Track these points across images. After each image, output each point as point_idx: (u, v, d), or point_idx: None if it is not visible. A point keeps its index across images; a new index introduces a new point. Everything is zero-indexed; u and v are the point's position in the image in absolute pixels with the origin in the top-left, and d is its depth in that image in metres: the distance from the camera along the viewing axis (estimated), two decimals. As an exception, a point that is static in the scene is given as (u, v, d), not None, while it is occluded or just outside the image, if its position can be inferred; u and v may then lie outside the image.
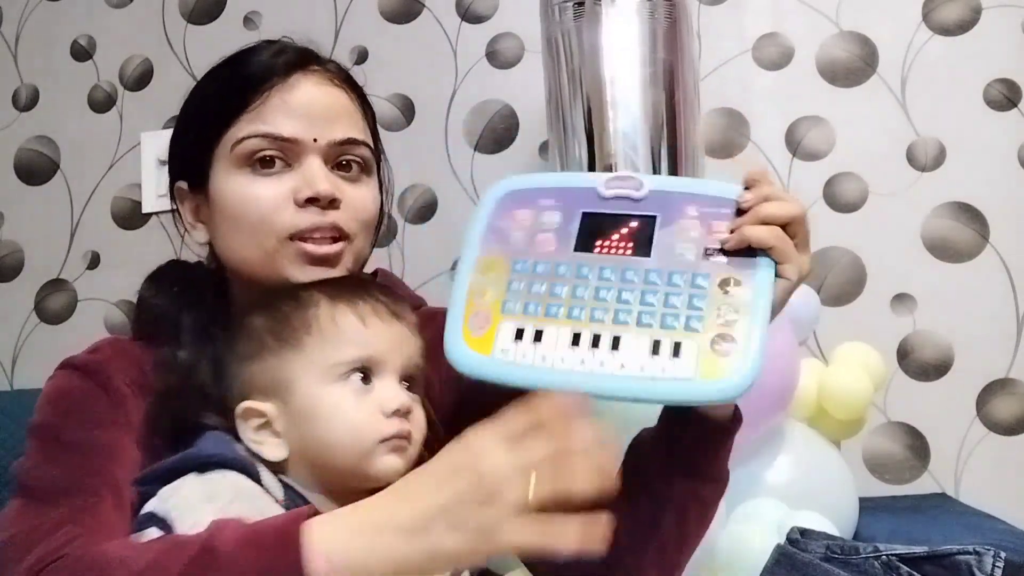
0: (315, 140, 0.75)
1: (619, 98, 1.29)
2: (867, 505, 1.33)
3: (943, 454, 1.56)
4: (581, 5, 1.30)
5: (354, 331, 0.67)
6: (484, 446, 0.54)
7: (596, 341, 0.61)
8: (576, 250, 0.65)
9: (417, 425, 0.68)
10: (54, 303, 1.88)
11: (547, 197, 0.68)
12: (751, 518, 1.14)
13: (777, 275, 0.63)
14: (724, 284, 0.62)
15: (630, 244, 0.65)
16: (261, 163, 0.75)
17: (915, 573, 0.83)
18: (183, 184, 0.81)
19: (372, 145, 0.81)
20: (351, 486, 0.65)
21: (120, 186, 1.87)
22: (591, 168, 1.29)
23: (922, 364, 1.58)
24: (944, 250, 1.59)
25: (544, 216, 0.68)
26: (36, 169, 1.92)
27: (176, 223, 0.83)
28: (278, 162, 0.75)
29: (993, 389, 1.56)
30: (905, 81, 1.62)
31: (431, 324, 0.71)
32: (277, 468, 0.66)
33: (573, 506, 0.53)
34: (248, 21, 1.87)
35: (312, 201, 0.74)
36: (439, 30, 1.79)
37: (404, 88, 1.79)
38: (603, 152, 1.29)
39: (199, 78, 0.83)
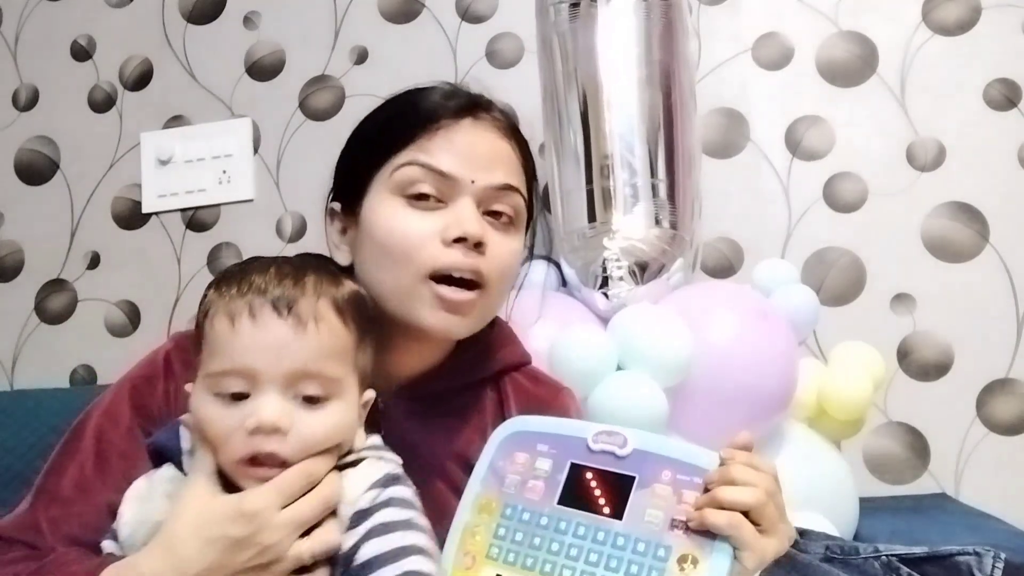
0: (472, 182, 0.77)
1: (615, 99, 1.29)
2: (867, 505, 1.33)
3: (943, 454, 1.56)
4: (576, 6, 1.30)
5: (225, 338, 0.63)
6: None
7: None
8: (559, 502, 0.72)
9: (297, 438, 0.63)
10: (54, 303, 1.88)
11: (544, 442, 0.75)
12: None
13: (736, 558, 0.65)
14: (682, 560, 0.66)
15: (607, 504, 0.70)
16: (416, 196, 0.77)
17: (915, 573, 0.83)
18: (336, 204, 0.84)
19: (527, 197, 0.82)
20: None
21: (120, 186, 1.87)
22: (588, 168, 1.29)
23: (922, 364, 1.58)
24: (944, 250, 1.59)
25: (538, 462, 0.74)
26: (36, 169, 1.92)
27: (328, 242, 0.85)
28: (432, 199, 0.77)
29: (993, 389, 1.56)
30: (905, 81, 1.62)
31: (527, 391, 0.86)
32: None
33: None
34: (248, 21, 1.87)
35: (460, 241, 0.76)
36: (439, 30, 1.79)
37: (404, 88, 1.78)
38: (599, 153, 1.28)
39: (374, 108, 0.86)
